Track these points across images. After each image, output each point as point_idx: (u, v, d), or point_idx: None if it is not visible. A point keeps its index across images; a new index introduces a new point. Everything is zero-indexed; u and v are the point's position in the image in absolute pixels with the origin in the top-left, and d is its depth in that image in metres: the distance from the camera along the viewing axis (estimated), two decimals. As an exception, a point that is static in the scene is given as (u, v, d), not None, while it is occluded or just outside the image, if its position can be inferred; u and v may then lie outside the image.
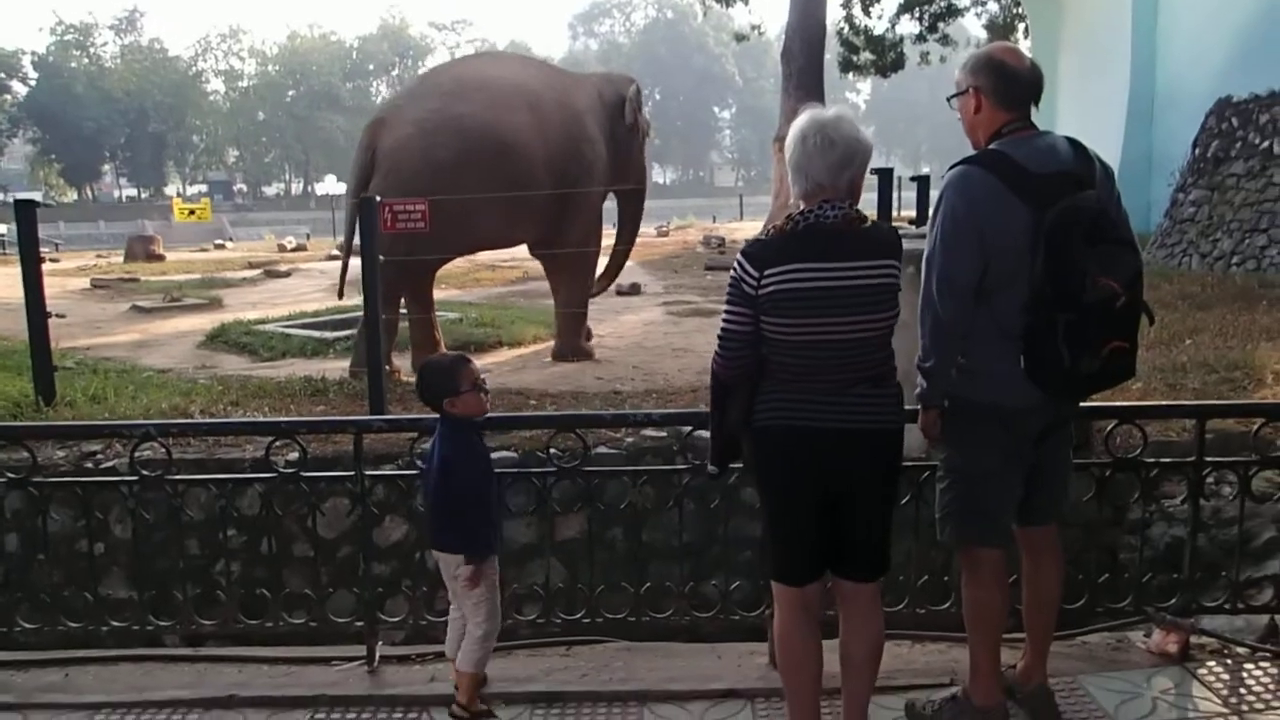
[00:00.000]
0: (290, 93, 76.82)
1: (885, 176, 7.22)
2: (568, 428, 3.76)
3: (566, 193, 8.66)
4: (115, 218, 55.10)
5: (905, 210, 14.06)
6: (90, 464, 6.05)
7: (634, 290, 13.90)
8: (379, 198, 7.06)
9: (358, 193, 7.83)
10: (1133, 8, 17.43)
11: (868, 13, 22.81)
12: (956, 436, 2.94)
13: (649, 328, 11.02)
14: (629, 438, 6.22)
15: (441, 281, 15.81)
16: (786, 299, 2.60)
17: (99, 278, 17.04)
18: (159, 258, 21.71)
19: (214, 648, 3.93)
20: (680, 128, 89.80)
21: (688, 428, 3.73)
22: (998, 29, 26.35)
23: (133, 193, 76.24)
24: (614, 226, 10.59)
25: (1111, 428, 3.63)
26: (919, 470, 3.50)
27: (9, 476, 3.72)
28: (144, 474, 3.66)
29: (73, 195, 71.47)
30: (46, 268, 7.72)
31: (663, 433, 5.91)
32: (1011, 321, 2.76)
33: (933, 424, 2.96)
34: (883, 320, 2.68)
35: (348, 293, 8.84)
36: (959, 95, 2.94)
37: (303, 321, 11.42)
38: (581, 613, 3.77)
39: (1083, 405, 3.25)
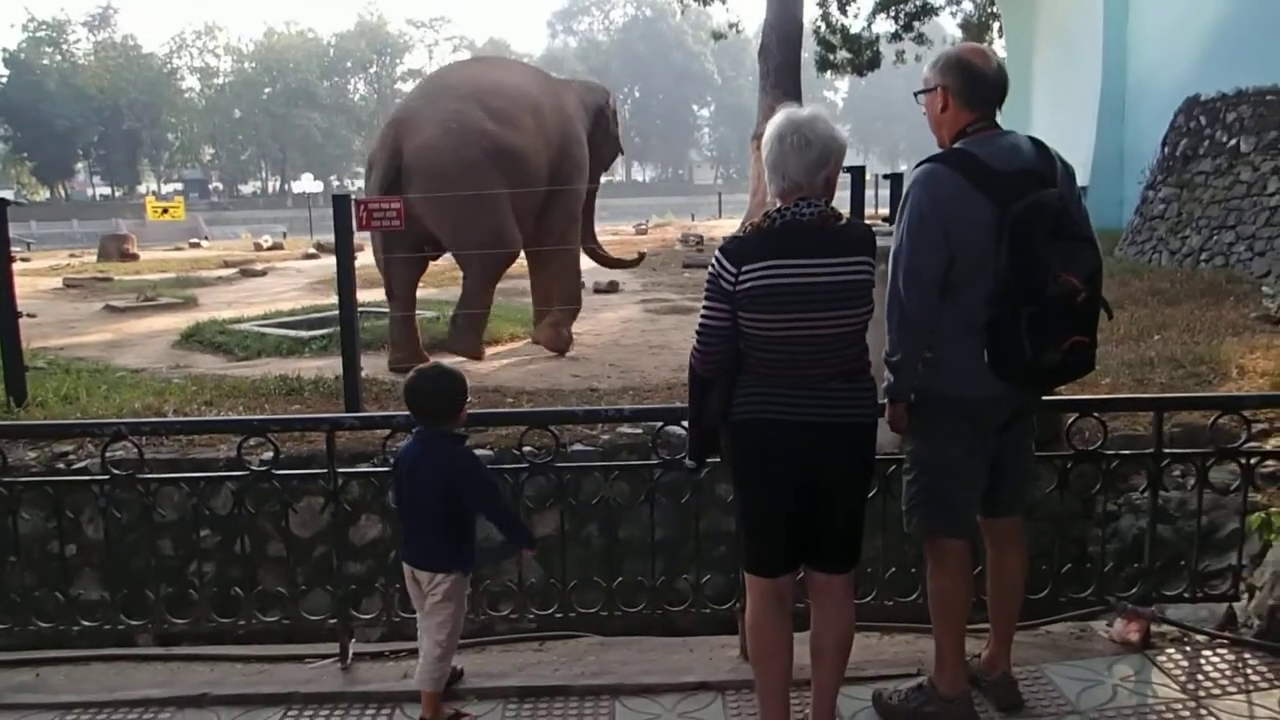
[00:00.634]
0: (267, 90, 76.26)
1: (858, 174, 7.27)
2: (540, 424, 3.79)
3: (563, 190, 9.26)
4: (89, 216, 54.50)
5: (881, 208, 14.16)
6: (62, 464, 6.03)
7: (611, 288, 13.93)
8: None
9: (385, 190, 8.17)
10: (1104, 7, 17.60)
11: (844, 11, 22.89)
12: (922, 428, 3.00)
13: (626, 325, 11.05)
14: (605, 435, 6.25)
15: (420, 280, 15.87)
16: (764, 294, 2.65)
17: (72, 277, 16.89)
18: (133, 257, 21.51)
19: (187, 647, 3.93)
20: (659, 126, 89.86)
21: (659, 423, 3.76)
22: (972, 28, 26.52)
23: (106, 191, 75.47)
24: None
25: (1072, 421, 3.70)
26: (886, 464, 3.56)
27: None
28: (115, 473, 3.67)
29: (45, 194, 70.76)
30: (18, 267, 7.70)
31: (638, 430, 5.95)
32: (976, 315, 2.81)
33: (900, 417, 3.01)
34: (857, 316, 2.73)
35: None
36: (926, 92, 3.00)
37: (278, 321, 11.36)
38: (555, 608, 3.80)
39: (1045, 399, 3.31)
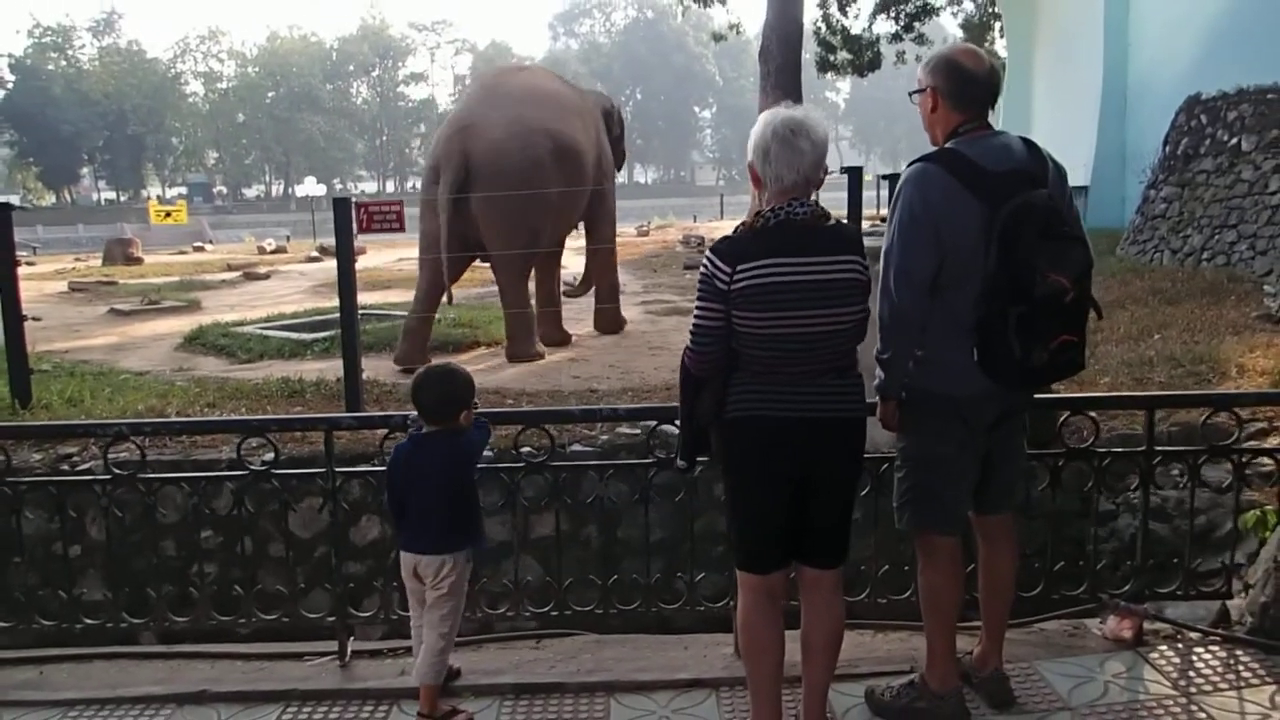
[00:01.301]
0: (270, 94, 76.41)
1: (855, 175, 7.31)
2: (535, 423, 3.82)
3: (604, 190, 10.21)
4: (94, 221, 54.61)
5: (882, 209, 14.17)
6: (66, 466, 6.08)
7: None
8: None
9: (455, 191, 8.66)
10: (1105, 6, 17.59)
11: (844, 12, 22.89)
12: (913, 425, 3.03)
13: (627, 327, 11.08)
14: (604, 435, 6.29)
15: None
16: (759, 293, 2.68)
17: (77, 281, 16.96)
18: (137, 260, 21.58)
19: (188, 645, 3.96)
20: (661, 127, 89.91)
21: (653, 422, 3.79)
22: (973, 28, 26.55)
23: (111, 195, 75.61)
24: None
25: (1064, 419, 3.73)
26: (880, 462, 3.60)
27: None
28: (117, 473, 3.71)
29: (51, 198, 70.96)
30: (23, 271, 7.75)
31: (636, 430, 5.99)
32: (966, 314, 2.84)
33: (891, 414, 3.05)
34: (850, 313, 2.76)
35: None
36: (919, 93, 3.03)
37: (281, 323, 11.42)
38: (551, 606, 3.83)
39: (1037, 397, 3.34)
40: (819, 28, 23.00)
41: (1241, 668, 3.40)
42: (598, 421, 5.61)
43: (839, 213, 4.34)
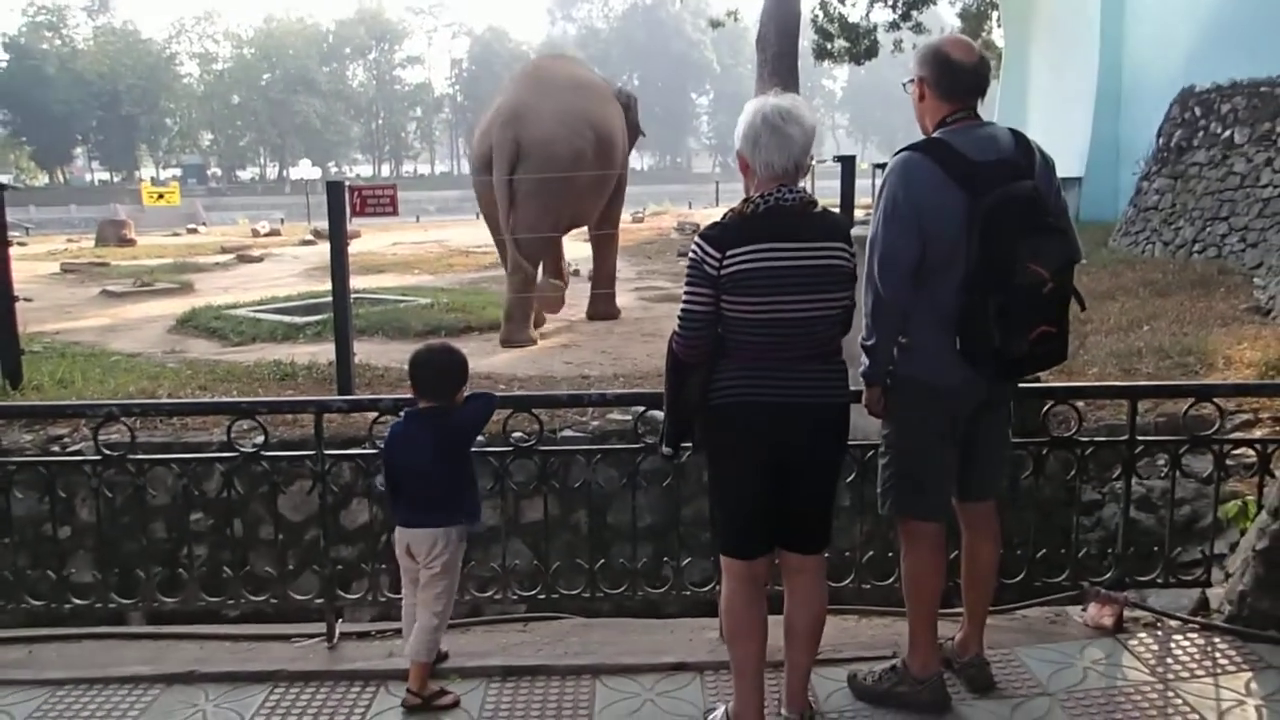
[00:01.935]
0: (265, 76, 76.11)
1: (848, 163, 7.31)
2: (524, 408, 3.83)
3: (623, 176, 10.80)
4: (87, 201, 54.43)
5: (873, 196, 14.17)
6: (57, 448, 6.09)
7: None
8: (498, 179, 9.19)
9: (509, 173, 9.24)
10: (1101, -2, 17.60)
11: (842, 0, 22.88)
12: (897, 412, 3.07)
13: (620, 313, 11.10)
14: (594, 421, 6.32)
15: (414, 267, 15.95)
16: (748, 278, 2.70)
17: (69, 262, 16.93)
18: (130, 242, 21.53)
19: (176, 626, 3.99)
20: (658, 113, 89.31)
21: (640, 408, 3.81)
22: (970, 17, 26.48)
23: (105, 176, 75.44)
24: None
25: (1048, 408, 3.76)
26: (866, 449, 3.63)
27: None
28: (107, 454, 3.72)
29: (44, 178, 70.68)
30: (15, 251, 7.73)
31: (627, 416, 6.02)
32: (948, 303, 2.87)
33: (876, 400, 3.08)
34: (836, 299, 2.79)
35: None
36: (911, 82, 3.05)
37: (273, 306, 11.43)
38: (539, 589, 3.86)
39: (1022, 386, 3.37)
40: (816, 15, 22.94)
41: (1219, 655, 3.44)
42: (585, 406, 5.64)
43: (832, 201, 4.36)
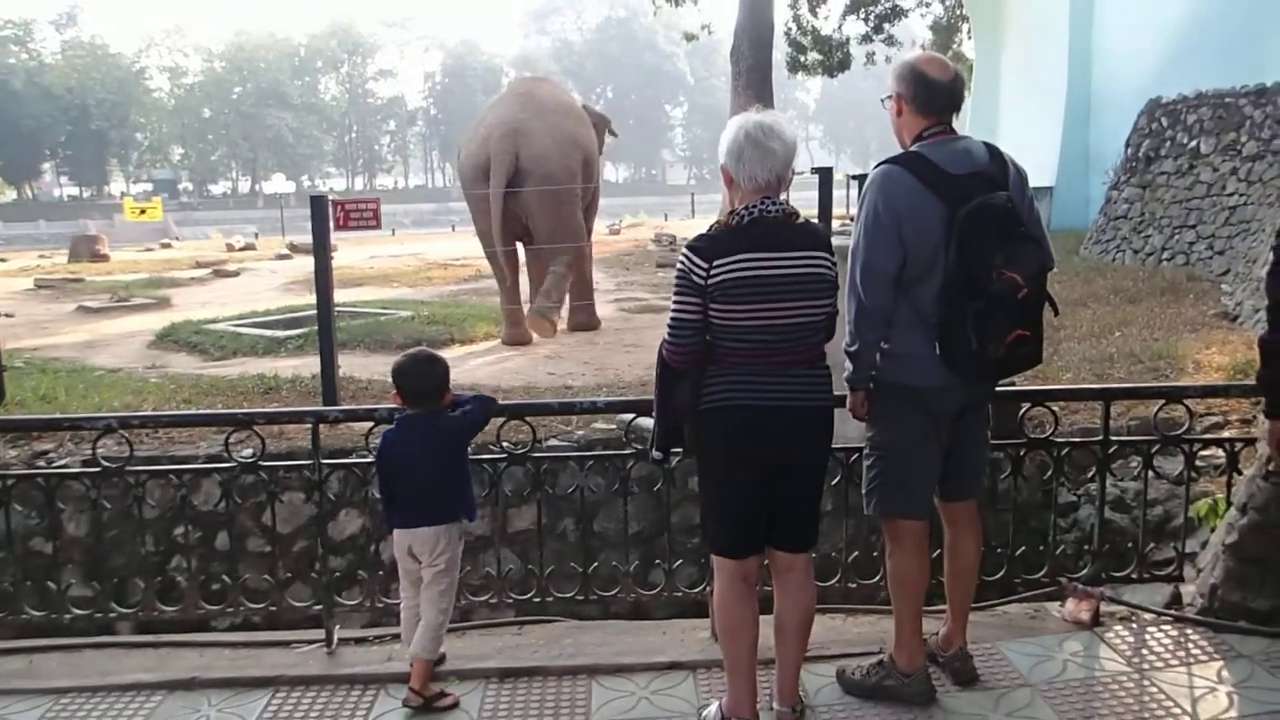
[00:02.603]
0: (237, 90, 75.59)
1: (826, 175, 7.44)
2: (517, 416, 3.92)
3: (596, 190, 11.42)
4: (56, 217, 53.96)
5: (851, 208, 14.35)
6: (43, 463, 6.10)
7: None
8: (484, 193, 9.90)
9: (504, 187, 9.84)
10: (1069, 10, 17.90)
11: (815, 13, 23.14)
12: (880, 415, 3.18)
13: (601, 324, 11.20)
14: (579, 430, 6.40)
15: (393, 280, 15.99)
16: (735, 286, 2.81)
17: (43, 278, 16.85)
18: (104, 258, 21.41)
19: (175, 635, 4.03)
20: (632, 126, 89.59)
21: (629, 415, 3.91)
22: (942, 30, 26.82)
23: (74, 191, 74.67)
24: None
25: (1024, 411, 3.89)
26: (850, 452, 3.74)
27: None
28: (106, 465, 3.77)
29: (12, 194, 69.93)
30: (-3, 267, 7.74)
31: (612, 425, 6.11)
32: (928, 310, 3.00)
33: (860, 404, 3.20)
34: (820, 307, 2.91)
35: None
36: (889, 98, 3.18)
37: (253, 321, 11.43)
38: (533, 592, 3.94)
39: (1000, 390, 3.49)
40: (790, 28, 23.20)
41: (1192, 645, 3.57)
42: (576, 414, 5.74)
43: (810, 212, 4.48)
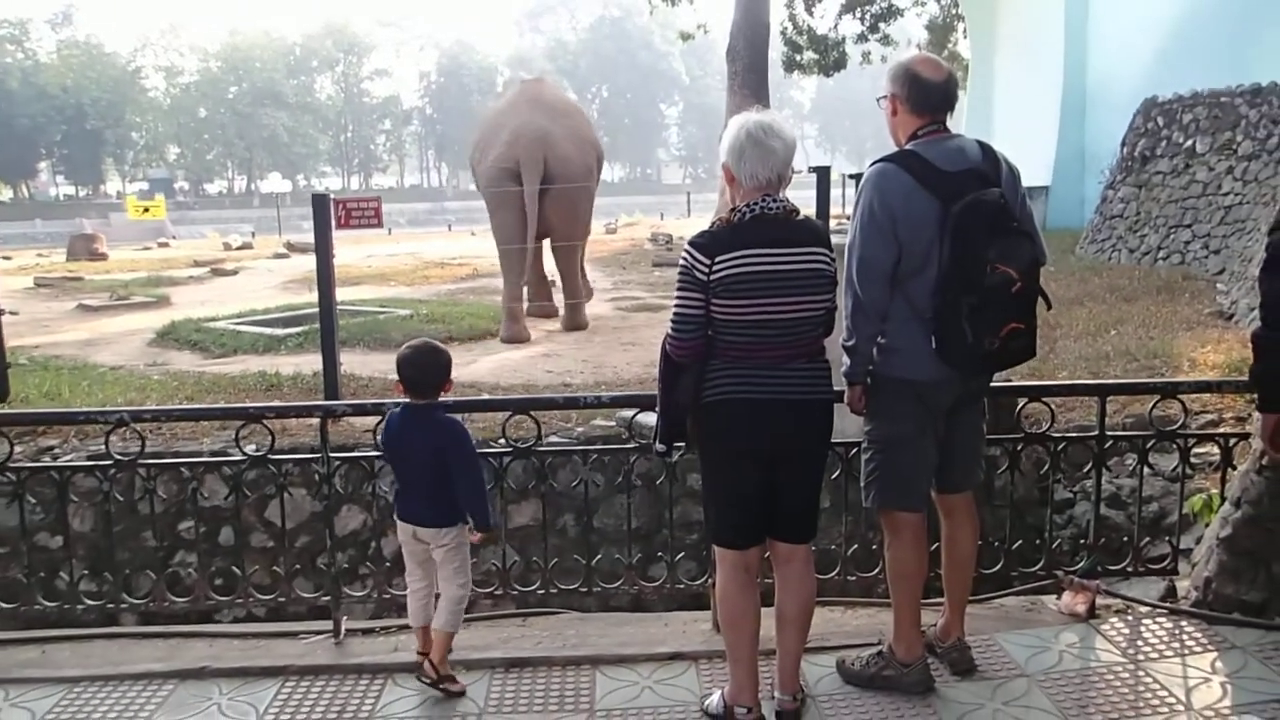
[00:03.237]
0: (232, 89, 75.58)
1: (823, 174, 7.51)
2: (523, 410, 3.97)
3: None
4: (52, 216, 53.99)
5: (847, 207, 14.41)
6: (48, 458, 6.14)
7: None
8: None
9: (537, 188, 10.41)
10: (1065, 9, 17.96)
11: (811, 13, 23.19)
12: (877, 409, 3.25)
13: (598, 323, 11.26)
14: (579, 427, 6.46)
15: (390, 279, 16.02)
16: (736, 282, 2.88)
17: (42, 276, 16.87)
18: (102, 256, 21.40)
19: (185, 626, 4.09)
20: (627, 125, 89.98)
21: (631, 410, 3.96)
22: (937, 29, 26.90)
23: (70, 190, 74.61)
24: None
25: (1021, 406, 3.95)
26: (850, 447, 3.80)
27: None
28: (119, 458, 3.82)
29: (8, 193, 69.83)
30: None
31: (611, 422, 6.17)
32: (923, 304, 3.07)
33: (857, 398, 3.27)
34: (819, 302, 2.97)
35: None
36: (884, 99, 3.24)
37: (253, 319, 11.48)
38: (536, 584, 4.00)
39: (995, 385, 3.55)
40: (785, 28, 23.24)
41: (1186, 637, 3.63)
42: (581, 408, 5.79)
43: (808, 211, 4.54)
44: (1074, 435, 4.09)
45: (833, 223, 7.14)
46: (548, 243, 11.26)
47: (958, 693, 3.31)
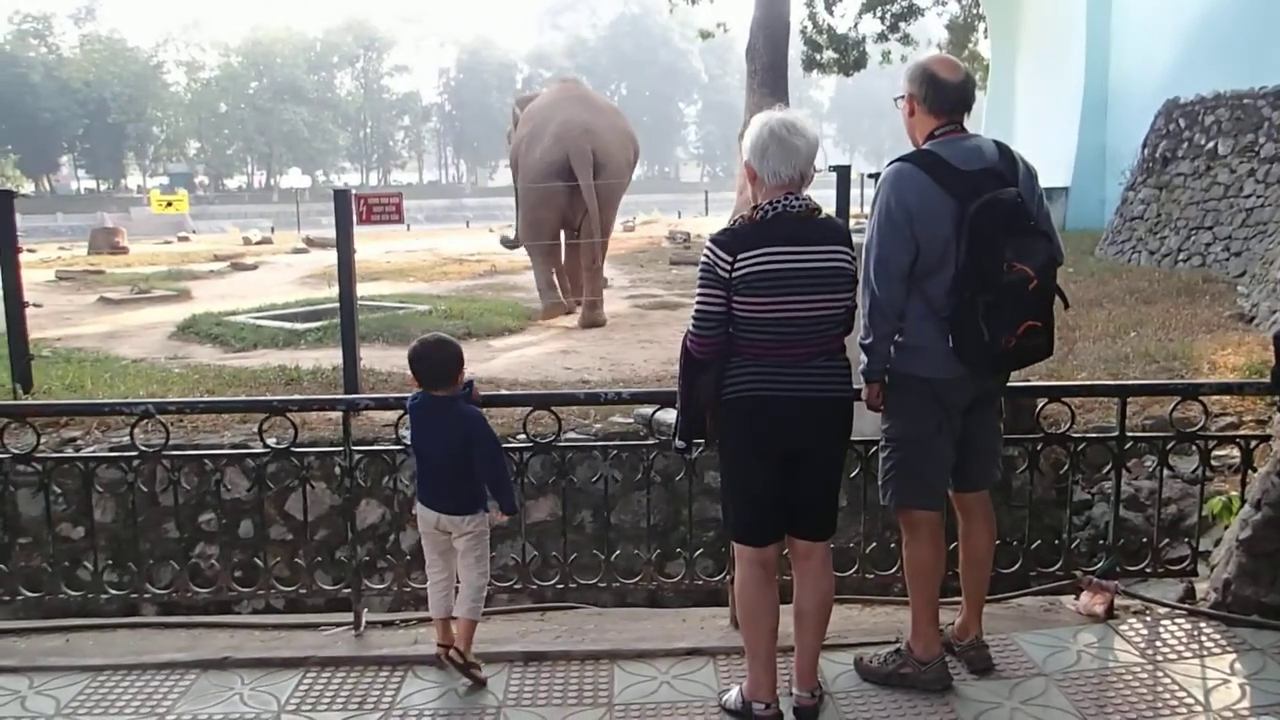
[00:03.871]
0: (253, 84, 75.92)
1: (843, 173, 7.52)
2: (544, 405, 4.00)
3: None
4: (73, 210, 54.31)
5: (866, 206, 14.39)
6: (71, 450, 6.20)
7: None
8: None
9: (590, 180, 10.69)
10: (1086, 10, 17.89)
11: (831, 12, 23.12)
12: (895, 407, 3.26)
13: (615, 320, 11.27)
14: (597, 423, 6.48)
15: (408, 274, 16.09)
16: (758, 279, 2.89)
17: (64, 269, 17.00)
18: (123, 250, 21.56)
19: (206, 616, 4.13)
20: (646, 123, 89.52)
21: (653, 408, 3.98)
22: (958, 29, 26.80)
23: (91, 184, 75.14)
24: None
25: (1041, 406, 3.95)
26: (868, 445, 3.81)
27: (13, 453, 3.92)
28: (144, 450, 3.87)
29: (30, 187, 70.31)
30: (23, 258, 7.82)
31: (629, 419, 6.19)
32: (940, 303, 3.08)
33: (875, 396, 3.28)
34: (840, 300, 2.99)
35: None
36: (901, 99, 3.26)
37: (273, 313, 11.56)
38: (555, 579, 4.03)
39: (1014, 385, 3.56)
40: (805, 27, 23.16)
41: (1205, 638, 3.63)
42: (601, 404, 5.83)
43: (827, 209, 4.55)
44: (1094, 436, 4.09)
45: (852, 221, 7.15)
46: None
47: (975, 691, 3.31)
